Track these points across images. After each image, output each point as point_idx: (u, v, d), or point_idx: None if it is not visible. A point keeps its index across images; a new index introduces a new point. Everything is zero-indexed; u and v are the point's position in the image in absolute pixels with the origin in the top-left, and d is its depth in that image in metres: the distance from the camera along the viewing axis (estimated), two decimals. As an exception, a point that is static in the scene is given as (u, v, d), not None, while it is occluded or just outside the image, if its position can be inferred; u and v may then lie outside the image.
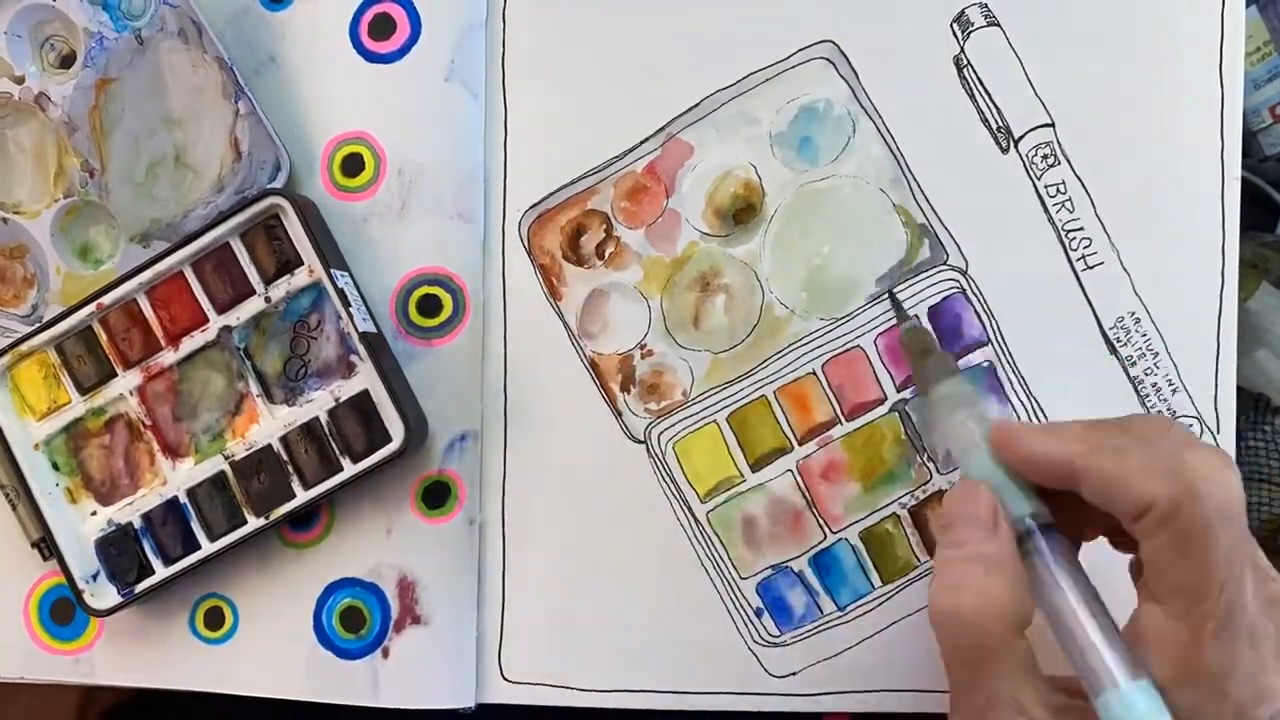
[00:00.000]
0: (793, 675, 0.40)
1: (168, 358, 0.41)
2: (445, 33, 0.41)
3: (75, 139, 0.41)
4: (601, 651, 0.41)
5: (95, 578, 0.41)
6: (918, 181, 0.40)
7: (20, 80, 0.41)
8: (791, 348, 0.40)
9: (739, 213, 0.41)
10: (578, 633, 0.41)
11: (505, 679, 0.41)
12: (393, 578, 0.41)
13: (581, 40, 0.41)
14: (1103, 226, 0.39)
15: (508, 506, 0.41)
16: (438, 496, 0.41)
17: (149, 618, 0.42)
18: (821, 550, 0.40)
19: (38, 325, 0.41)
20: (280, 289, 0.40)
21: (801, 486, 0.40)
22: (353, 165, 0.41)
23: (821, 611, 0.40)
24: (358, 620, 0.41)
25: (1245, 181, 0.39)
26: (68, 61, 0.42)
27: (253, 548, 0.41)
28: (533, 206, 0.42)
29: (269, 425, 0.41)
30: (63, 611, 0.43)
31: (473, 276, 0.41)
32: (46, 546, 0.41)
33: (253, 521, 0.40)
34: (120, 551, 0.41)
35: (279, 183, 0.40)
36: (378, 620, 0.41)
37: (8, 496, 0.42)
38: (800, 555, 0.40)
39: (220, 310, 0.41)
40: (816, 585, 0.40)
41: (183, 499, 0.41)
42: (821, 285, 0.40)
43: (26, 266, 0.43)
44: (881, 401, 0.40)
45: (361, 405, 0.40)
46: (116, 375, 0.41)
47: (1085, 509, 0.30)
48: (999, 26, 0.40)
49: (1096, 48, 0.39)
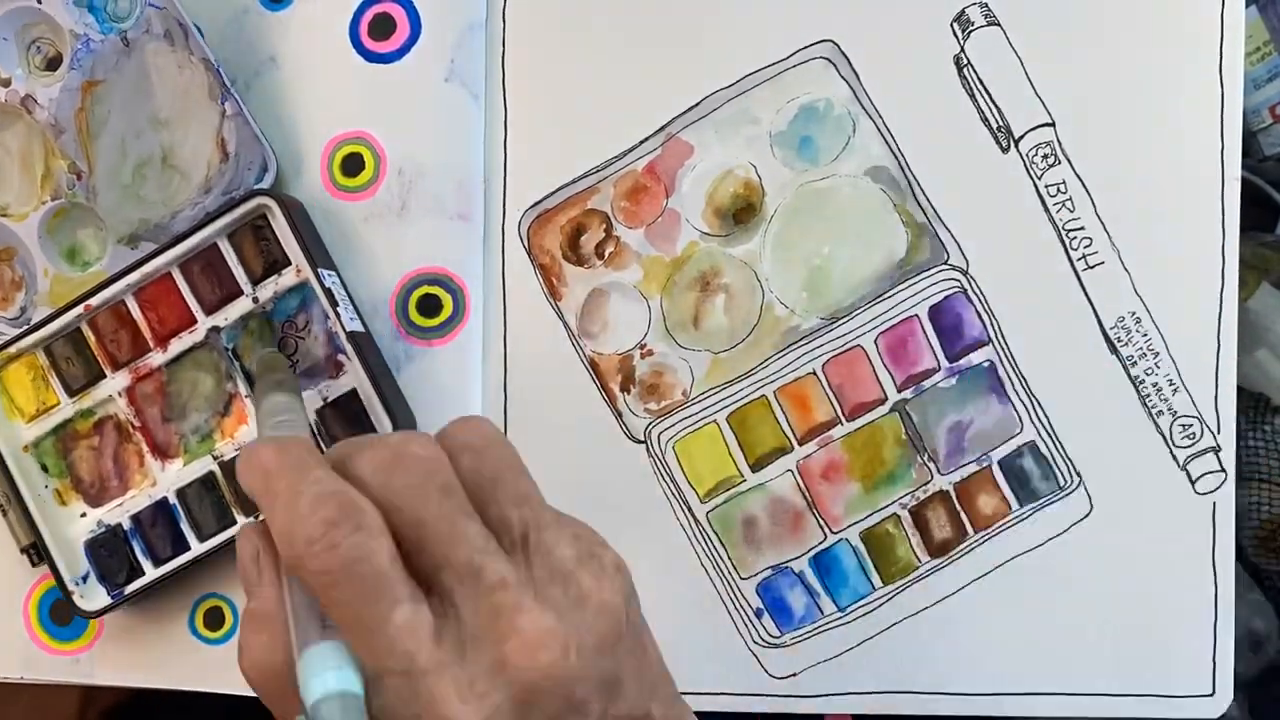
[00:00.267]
0: (793, 676, 0.40)
1: (156, 359, 0.41)
2: (445, 33, 0.41)
3: (62, 141, 0.41)
4: (601, 652, 0.41)
5: (85, 579, 0.41)
6: (918, 181, 0.40)
7: (7, 83, 0.41)
8: (791, 348, 0.40)
9: (739, 212, 0.41)
10: (578, 633, 0.41)
11: (505, 679, 0.41)
12: (392, 578, 0.41)
13: (581, 40, 0.41)
14: (1103, 226, 0.39)
15: (508, 507, 0.41)
16: (438, 497, 0.41)
17: (149, 618, 0.42)
18: (822, 551, 0.40)
19: (26, 327, 0.41)
20: (268, 289, 0.40)
21: (802, 487, 0.40)
22: (353, 165, 0.41)
23: (822, 612, 0.40)
24: (357, 620, 0.41)
25: (1245, 181, 0.39)
26: (54, 64, 0.42)
27: (252, 548, 0.41)
28: (533, 206, 0.42)
29: (258, 426, 0.41)
30: (62, 612, 0.43)
31: (473, 276, 0.41)
32: (36, 552, 0.41)
33: (243, 521, 0.40)
34: (110, 553, 0.41)
35: (266, 183, 0.40)
36: (377, 620, 0.41)
37: (-1, 502, 0.42)
38: (800, 556, 0.40)
39: (208, 311, 0.40)
40: (817, 586, 0.40)
41: (172, 500, 0.41)
42: (822, 285, 0.40)
43: (14, 269, 0.43)
44: (882, 401, 0.40)
45: (349, 405, 0.40)
46: (105, 377, 0.41)
47: None
48: (999, 26, 0.40)
49: (1097, 47, 0.39)
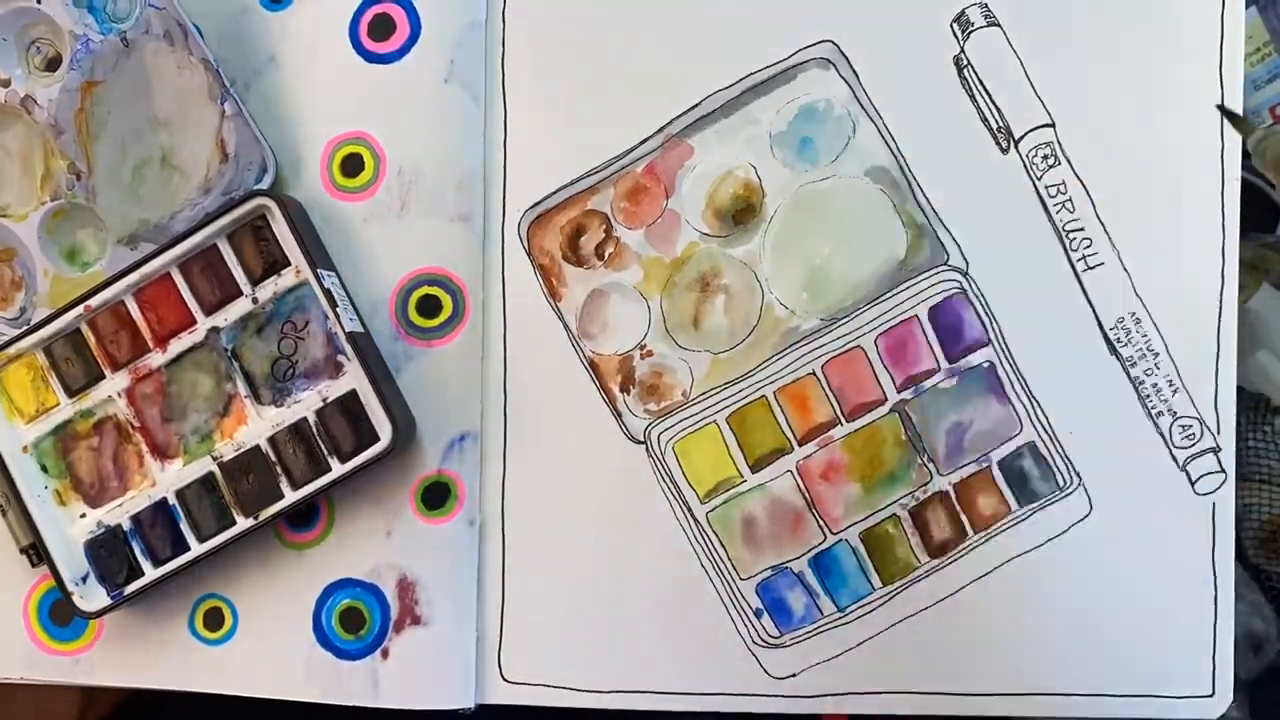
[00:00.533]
0: (792, 676, 0.40)
1: (156, 359, 0.41)
2: (445, 33, 0.41)
3: (62, 142, 0.41)
4: (601, 652, 0.41)
5: (84, 580, 0.41)
6: (918, 182, 0.40)
7: (6, 83, 0.41)
8: (791, 348, 0.40)
9: (739, 213, 0.41)
10: (578, 633, 0.41)
11: (505, 679, 0.41)
12: (392, 578, 0.41)
13: (581, 40, 0.41)
14: (1103, 227, 0.39)
15: (508, 507, 0.41)
16: (437, 497, 0.41)
17: (149, 618, 0.42)
18: (821, 551, 0.40)
19: (25, 328, 0.41)
20: (267, 290, 0.40)
21: (801, 487, 0.40)
22: (352, 165, 0.41)
23: (821, 613, 0.40)
24: (357, 621, 0.41)
25: (1245, 182, 0.39)
26: (53, 64, 0.42)
27: (252, 548, 0.41)
28: (532, 206, 0.42)
29: (257, 426, 0.41)
30: (62, 613, 0.43)
31: (472, 277, 0.41)
32: (35, 553, 0.41)
33: (242, 522, 0.40)
34: (110, 553, 0.41)
35: (266, 184, 0.40)
36: (377, 621, 0.41)
37: (-1, 504, 0.42)
38: (800, 556, 0.40)
39: (208, 312, 0.41)
40: (816, 586, 0.40)
41: (172, 500, 0.41)
42: (821, 285, 0.40)
43: (14, 269, 0.43)
44: (882, 402, 0.40)
45: (349, 405, 0.40)
46: (105, 377, 0.41)
47: None
48: (999, 26, 0.40)
49: (1097, 48, 0.39)
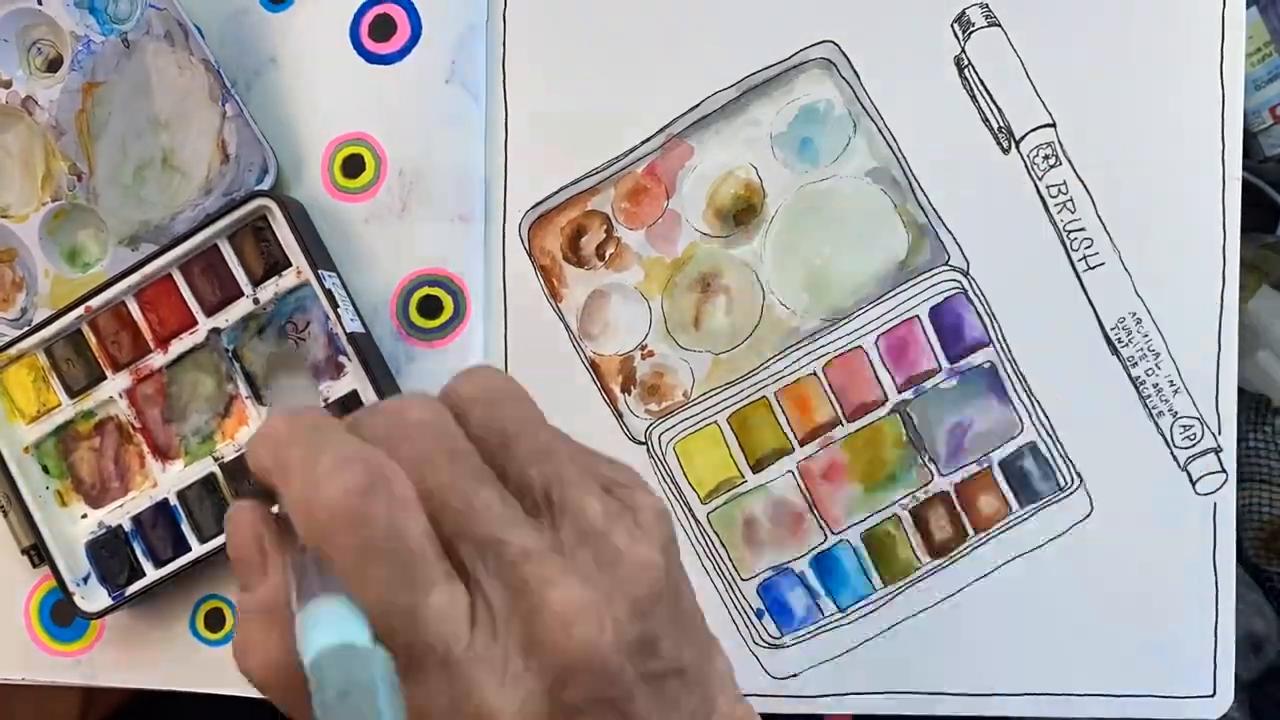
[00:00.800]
0: (794, 677, 0.40)
1: (157, 360, 0.41)
2: (446, 34, 0.41)
3: (63, 142, 0.41)
4: (602, 653, 0.41)
5: (86, 580, 0.41)
6: (919, 182, 0.40)
7: (7, 84, 0.41)
8: (792, 349, 0.40)
9: (739, 213, 0.41)
10: (578, 634, 0.41)
11: (506, 680, 0.41)
12: (393, 579, 0.41)
13: (582, 41, 0.41)
14: (1104, 227, 0.39)
15: (508, 508, 0.41)
16: (438, 498, 0.41)
17: (150, 619, 0.42)
18: (822, 551, 0.40)
19: (27, 329, 0.41)
20: (268, 290, 0.40)
21: (802, 488, 0.40)
22: (353, 166, 0.41)
23: (822, 613, 0.40)
24: (358, 621, 0.41)
25: (1245, 182, 0.39)
26: (54, 65, 0.42)
27: (253, 549, 0.41)
28: (533, 207, 0.42)
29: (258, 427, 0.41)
30: (63, 613, 0.43)
31: (473, 277, 0.41)
32: (37, 553, 0.41)
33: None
34: (111, 554, 0.41)
35: (266, 185, 0.40)
36: (378, 621, 0.41)
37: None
38: (801, 556, 0.40)
39: (209, 312, 0.41)
40: (817, 586, 0.40)
41: (173, 501, 0.41)
42: (822, 286, 0.40)
43: (15, 270, 0.43)
44: (883, 402, 0.40)
45: (350, 406, 0.39)
46: (106, 378, 0.41)
47: None
48: (1000, 27, 0.40)
49: (1097, 48, 0.39)
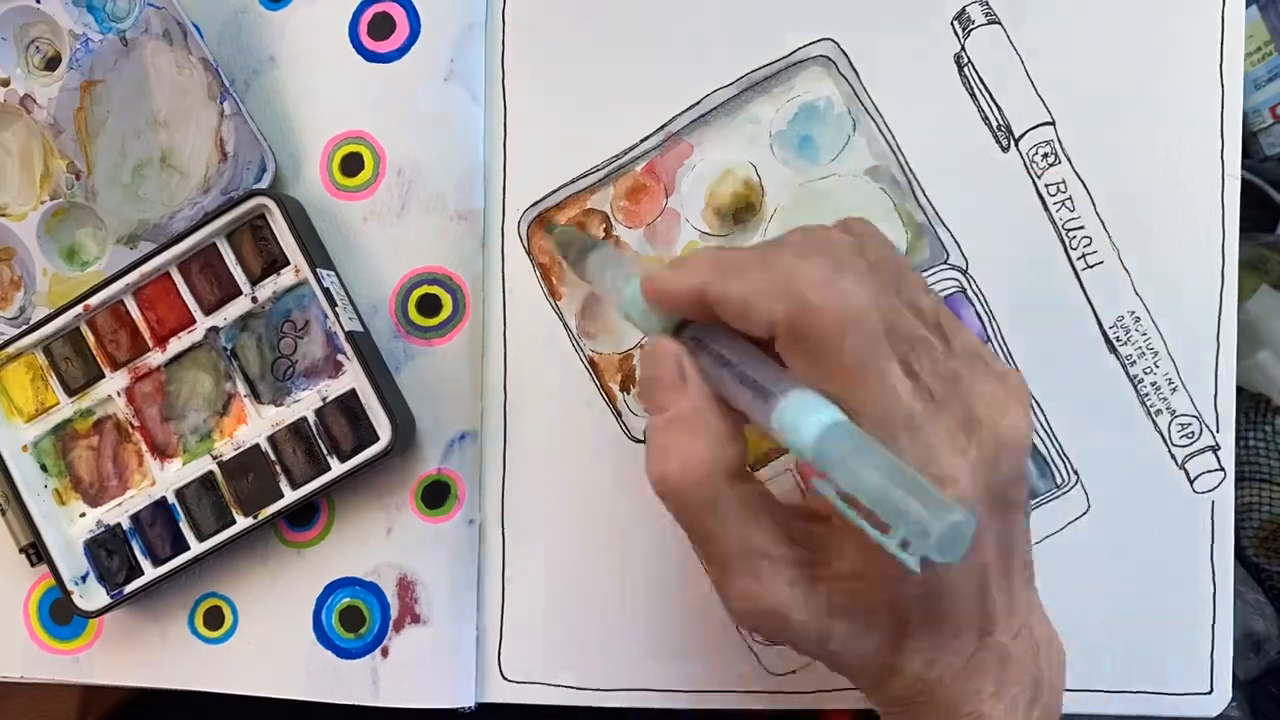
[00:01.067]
0: (791, 674, 0.40)
1: (155, 359, 0.41)
2: (445, 32, 0.41)
3: (61, 141, 0.41)
4: (601, 651, 0.41)
5: (84, 579, 0.41)
6: (918, 180, 0.40)
7: (6, 83, 0.41)
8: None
9: (739, 212, 0.41)
10: (578, 633, 0.41)
11: (505, 678, 0.41)
12: (392, 577, 0.41)
13: (581, 40, 0.41)
14: (1103, 225, 0.39)
15: (508, 506, 0.41)
16: (437, 496, 0.41)
17: (149, 617, 0.42)
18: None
19: (25, 327, 0.41)
20: (267, 289, 0.40)
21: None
22: (352, 165, 0.41)
23: (821, 611, 0.40)
24: (357, 620, 0.41)
25: (1245, 182, 0.39)
26: (53, 64, 0.42)
27: (252, 547, 0.41)
28: (532, 206, 0.42)
29: (257, 425, 0.41)
30: (62, 612, 0.43)
31: (472, 276, 0.41)
32: (35, 552, 0.41)
33: (241, 521, 0.40)
34: (109, 553, 0.41)
35: (265, 183, 0.40)
36: (377, 620, 0.41)
37: (-2, 503, 0.42)
38: (800, 555, 0.40)
39: (207, 311, 0.41)
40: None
41: (171, 500, 0.41)
42: (821, 285, 0.40)
43: (13, 269, 0.43)
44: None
45: (349, 405, 0.40)
46: (104, 377, 0.41)
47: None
48: (999, 25, 0.40)
49: (1097, 46, 0.39)
